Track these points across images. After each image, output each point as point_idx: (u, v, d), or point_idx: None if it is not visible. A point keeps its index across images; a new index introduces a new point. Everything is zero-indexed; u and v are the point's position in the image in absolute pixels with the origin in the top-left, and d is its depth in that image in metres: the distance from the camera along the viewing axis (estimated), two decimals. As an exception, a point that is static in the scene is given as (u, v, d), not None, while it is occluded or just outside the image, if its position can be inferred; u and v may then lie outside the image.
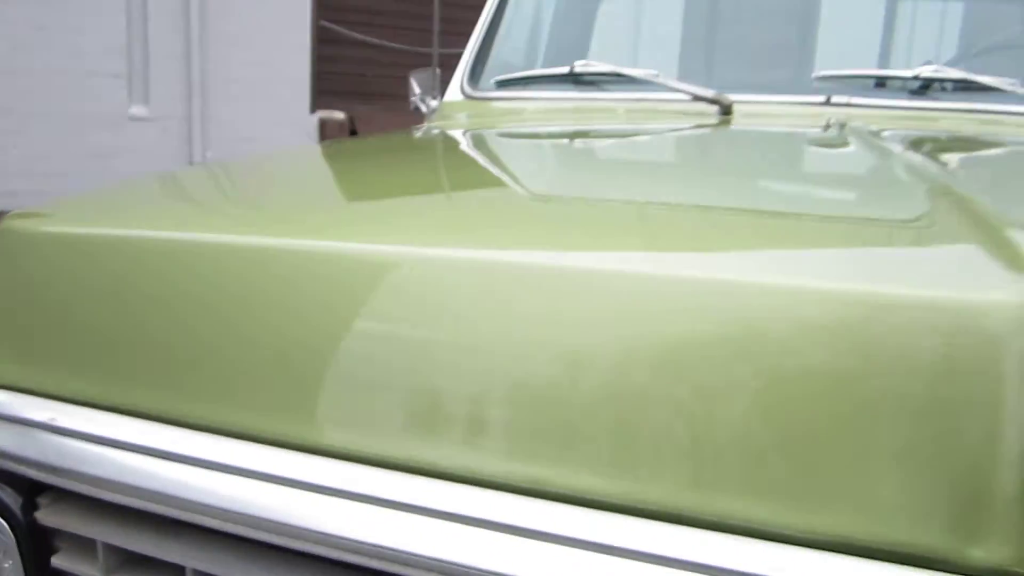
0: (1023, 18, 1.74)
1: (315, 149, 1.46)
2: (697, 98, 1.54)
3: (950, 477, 0.42)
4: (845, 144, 1.14)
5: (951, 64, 1.83)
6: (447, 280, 0.55)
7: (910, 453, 0.42)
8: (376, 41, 6.66)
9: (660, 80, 1.57)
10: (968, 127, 1.48)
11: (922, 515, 0.42)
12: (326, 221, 0.73)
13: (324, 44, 6.68)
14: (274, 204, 0.88)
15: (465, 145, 1.42)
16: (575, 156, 1.35)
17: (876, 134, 1.20)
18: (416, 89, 2.04)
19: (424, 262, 0.58)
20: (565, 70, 1.66)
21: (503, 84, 1.75)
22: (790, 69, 1.66)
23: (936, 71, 1.53)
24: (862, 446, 0.43)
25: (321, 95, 6.68)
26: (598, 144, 1.44)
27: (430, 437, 0.53)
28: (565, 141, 1.48)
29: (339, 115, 6.86)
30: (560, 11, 1.95)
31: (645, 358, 0.47)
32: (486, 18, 1.87)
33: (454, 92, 1.79)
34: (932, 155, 1.07)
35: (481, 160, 1.31)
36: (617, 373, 0.47)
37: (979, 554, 0.41)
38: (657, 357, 0.47)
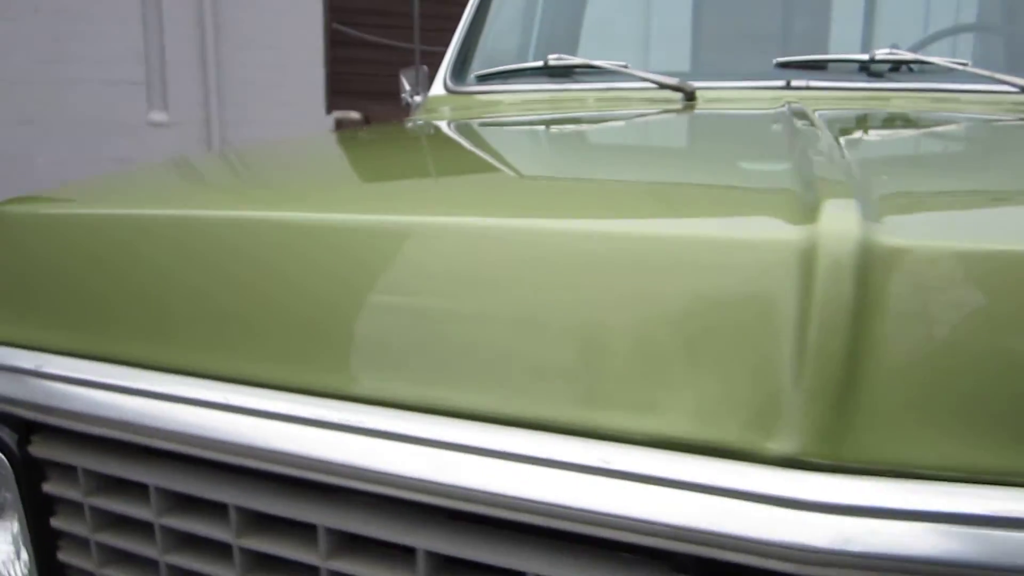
0: (973, 2, 1.81)
1: (305, 138, 1.57)
2: (663, 86, 1.63)
3: (750, 387, 0.51)
4: (774, 122, 1.22)
5: (914, 48, 1.91)
6: (435, 244, 0.63)
7: (721, 369, 0.51)
8: (387, 42, 6.78)
9: (628, 70, 1.66)
10: (919, 105, 1.56)
11: (729, 417, 0.51)
12: (297, 193, 0.83)
13: (337, 46, 6.81)
14: (246, 178, 0.99)
15: (446, 133, 1.52)
16: (546, 140, 1.44)
17: (810, 115, 1.29)
18: (406, 86, 2.15)
19: (404, 229, 0.66)
20: (540, 64, 1.76)
21: (482, 78, 1.84)
22: (753, 56, 1.75)
23: (890, 53, 1.61)
24: (687, 365, 0.52)
25: (335, 96, 6.82)
26: (566, 129, 1.54)
27: (392, 375, 0.62)
28: (539, 127, 1.57)
29: (354, 115, 7.00)
30: (536, 9, 2.04)
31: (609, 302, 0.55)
32: (467, 18, 1.97)
33: (438, 87, 1.90)
34: (844, 131, 1.15)
35: (461, 144, 1.41)
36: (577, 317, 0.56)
37: (773, 446, 0.50)
38: (618, 302, 0.55)
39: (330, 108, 6.78)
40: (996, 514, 0.46)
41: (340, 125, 6.80)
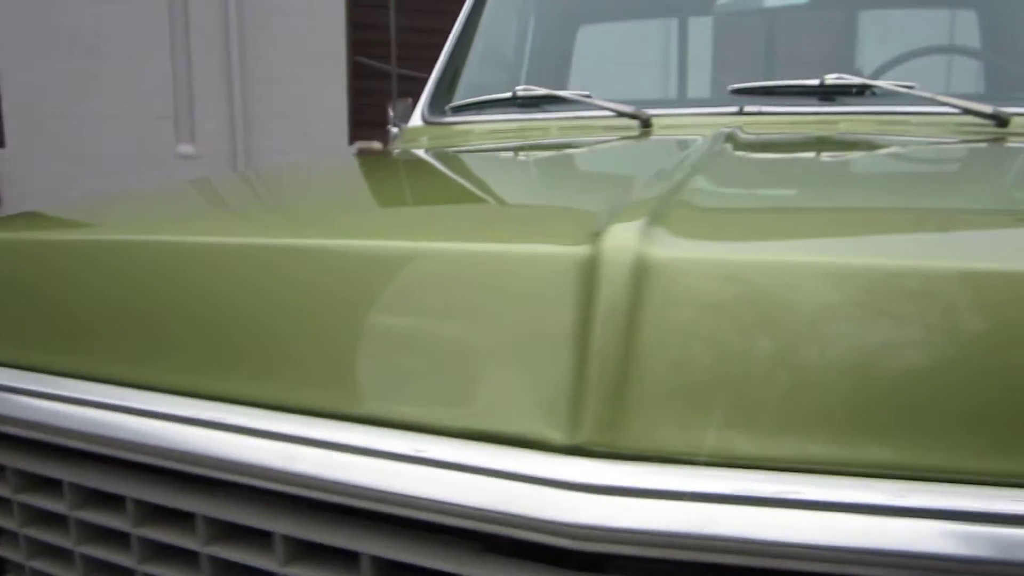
0: (921, 28, 1.87)
1: (290, 166, 1.66)
2: (620, 114, 1.71)
3: (543, 385, 0.58)
4: (684, 148, 1.30)
5: (875, 73, 1.97)
6: (411, 266, 0.67)
7: (521, 370, 0.59)
8: (407, 72, 6.93)
9: (588, 100, 1.75)
10: (862, 127, 1.62)
11: (526, 412, 0.58)
12: (278, 220, 0.92)
13: (360, 78, 6.99)
14: (216, 206, 1.08)
15: (418, 161, 1.62)
16: (507, 165, 1.52)
17: (735, 137, 1.36)
18: (391, 116, 2.25)
19: (379, 251, 0.70)
20: (508, 95, 1.85)
21: (456, 110, 1.94)
22: (709, 84, 1.82)
23: (838, 78, 1.67)
24: (494, 367, 0.60)
25: (357, 126, 6.99)
26: (527, 155, 1.62)
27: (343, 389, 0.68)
28: (505, 154, 1.66)
29: (376, 144, 7.16)
30: (507, 45, 2.14)
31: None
32: (445, 53, 2.08)
33: (416, 119, 2.00)
34: (745, 153, 1.22)
35: (431, 171, 1.50)
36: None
37: (559, 437, 0.57)
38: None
39: (352, 138, 6.95)
40: (739, 493, 0.53)
41: (362, 154, 6.95)
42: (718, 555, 0.53)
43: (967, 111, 1.57)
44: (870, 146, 1.45)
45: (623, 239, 0.57)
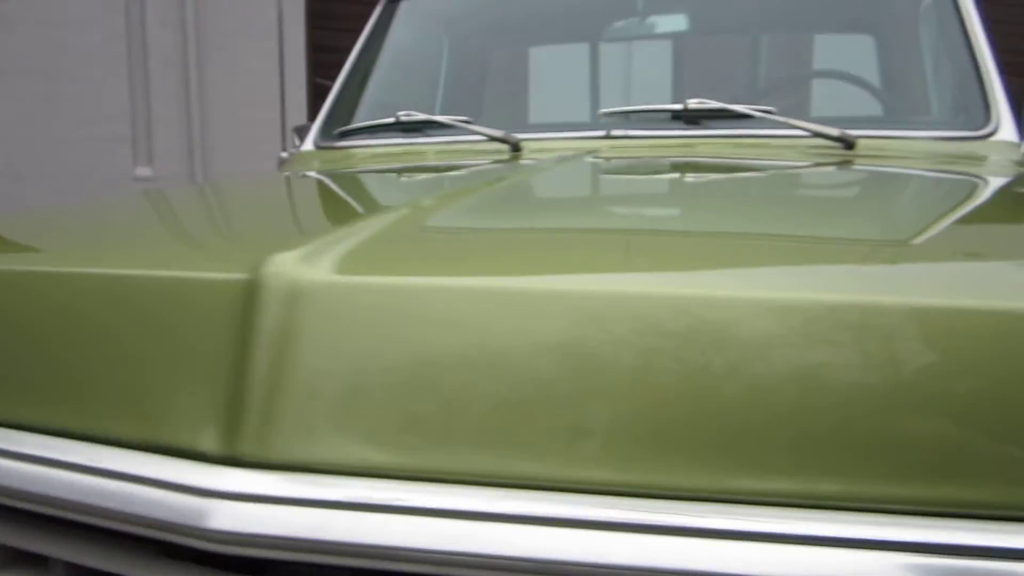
0: (783, 57, 1.94)
1: (175, 191, 1.71)
2: (492, 139, 1.76)
3: (210, 399, 0.62)
4: (540, 171, 1.35)
5: (738, 99, 2.04)
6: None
7: (192, 387, 0.63)
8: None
9: (462, 125, 1.80)
10: (719, 150, 1.68)
11: (191, 425, 0.63)
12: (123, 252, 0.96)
13: (320, 100, 7.04)
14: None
15: (298, 183, 1.67)
16: (379, 185, 1.57)
17: (578, 160, 1.41)
18: (296, 142, 2.30)
19: (73, 277, 0.77)
20: (391, 120, 1.90)
21: (344, 135, 1.99)
22: (579, 110, 1.88)
23: (700, 103, 1.73)
24: (170, 384, 0.64)
25: (318, 147, 7.03)
26: (398, 177, 1.67)
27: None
28: (382, 175, 1.71)
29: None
30: (394, 74, 2.20)
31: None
32: (339, 83, 2.14)
33: (308, 144, 2.05)
34: (586, 175, 1.28)
35: (305, 192, 1.55)
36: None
37: (216, 448, 0.61)
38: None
39: (312, 159, 6.99)
40: (375, 501, 0.57)
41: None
42: (358, 560, 0.57)
43: (817, 134, 1.64)
44: (693, 167, 1.51)
45: (281, 265, 0.62)
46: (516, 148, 1.73)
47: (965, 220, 1.04)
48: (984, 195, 1.30)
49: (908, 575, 0.51)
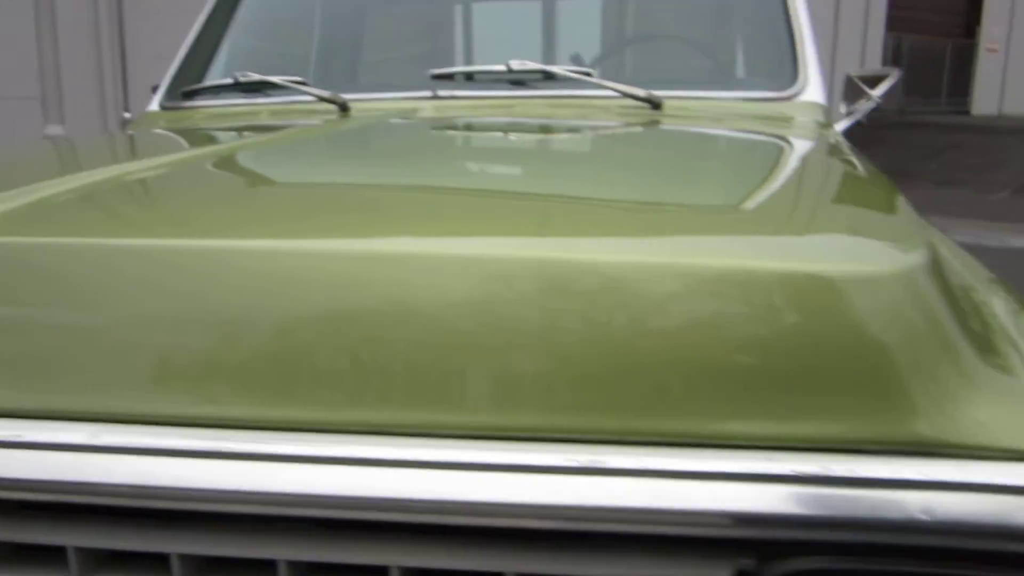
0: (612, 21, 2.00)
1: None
2: (322, 99, 1.80)
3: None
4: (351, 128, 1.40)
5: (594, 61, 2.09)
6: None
7: None
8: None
9: (295, 86, 1.84)
10: (536, 110, 1.74)
11: None
12: None
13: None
14: None
15: (139, 140, 1.69)
16: (202, 142, 1.60)
17: (386, 121, 1.47)
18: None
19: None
20: (229, 80, 1.93)
21: (188, 95, 2.01)
22: (410, 70, 1.93)
23: (521, 64, 1.78)
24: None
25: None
26: (227, 135, 1.70)
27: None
28: (211, 133, 1.73)
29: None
30: (242, 33, 2.22)
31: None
32: (188, 43, 2.16)
33: (154, 104, 2.07)
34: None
35: (137, 149, 1.57)
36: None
37: None
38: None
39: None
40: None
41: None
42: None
43: (625, 95, 1.70)
44: (503, 128, 1.57)
45: None
46: (344, 108, 1.77)
47: (737, 180, 1.08)
48: (775, 157, 1.36)
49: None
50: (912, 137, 11.58)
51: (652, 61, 2.06)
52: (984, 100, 13.75)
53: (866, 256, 0.63)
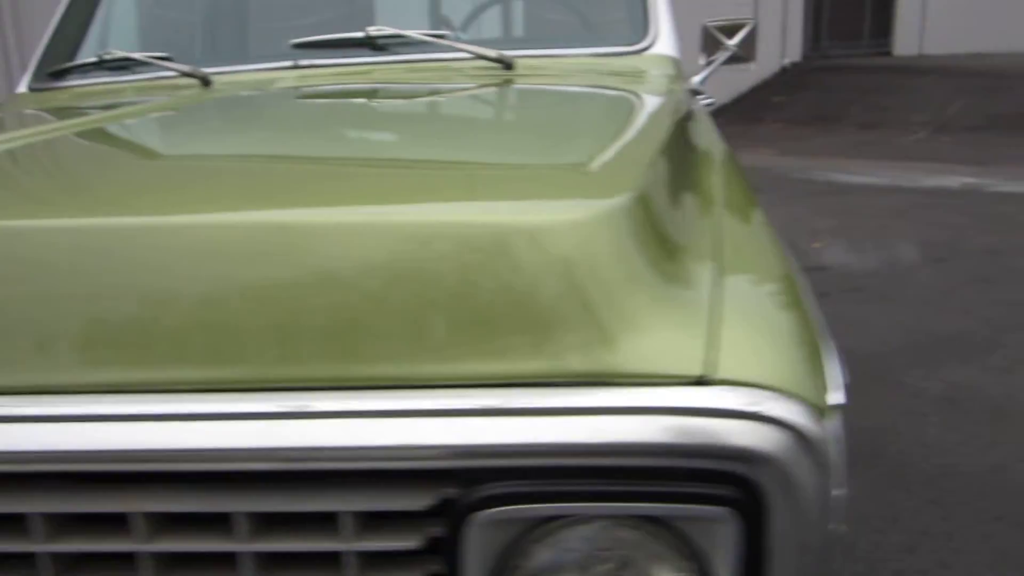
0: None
1: None
2: (183, 74, 1.82)
3: None
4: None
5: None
6: None
7: None
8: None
9: (158, 62, 1.85)
10: (391, 75, 1.77)
11: None
12: None
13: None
14: None
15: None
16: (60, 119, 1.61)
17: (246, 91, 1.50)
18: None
19: None
20: (94, 59, 1.93)
21: (55, 76, 2.01)
22: (270, 41, 1.95)
23: (378, 30, 1.81)
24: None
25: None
26: (87, 113, 1.70)
27: None
28: (73, 111, 1.74)
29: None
30: (104, 13, 2.21)
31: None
32: (55, 22, 2.15)
33: (22, 86, 2.07)
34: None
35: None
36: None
37: None
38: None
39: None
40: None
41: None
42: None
43: (477, 56, 1.74)
44: (358, 93, 1.61)
45: None
46: (206, 82, 1.79)
47: (536, 137, 1.11)
48: (591, 112, 1.41)
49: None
50: (835, 81, 11.75)
51: (516, 22, 2.10)
52: (905, 41, 13.93)
53: (548, 208, 0.69)
